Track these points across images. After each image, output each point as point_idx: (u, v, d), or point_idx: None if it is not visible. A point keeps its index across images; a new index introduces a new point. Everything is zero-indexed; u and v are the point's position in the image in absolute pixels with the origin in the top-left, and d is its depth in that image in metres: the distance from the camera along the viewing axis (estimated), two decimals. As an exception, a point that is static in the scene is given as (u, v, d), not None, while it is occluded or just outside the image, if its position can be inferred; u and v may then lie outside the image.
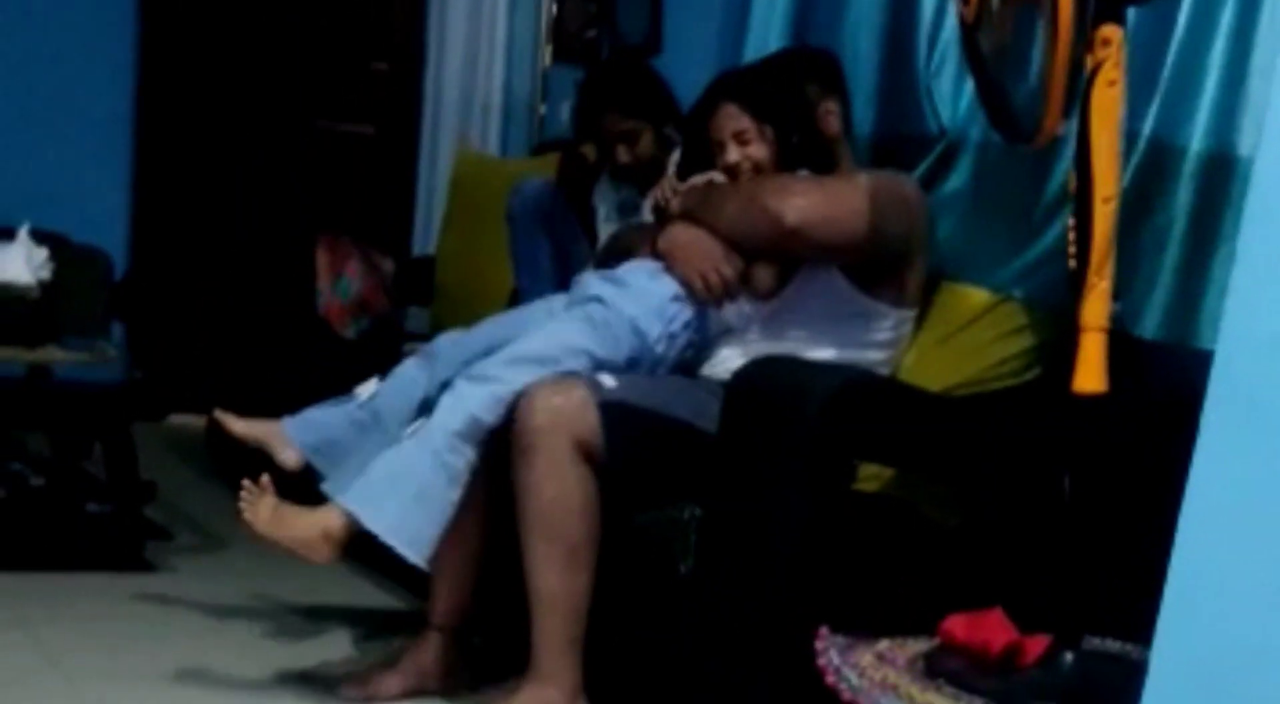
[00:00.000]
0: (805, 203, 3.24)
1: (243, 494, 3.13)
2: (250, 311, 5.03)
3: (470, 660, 3.37)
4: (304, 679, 3.41)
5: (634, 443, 3.12)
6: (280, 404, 4.70)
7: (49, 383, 4.34)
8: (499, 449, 3.15)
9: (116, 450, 4.24)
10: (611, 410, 3.10)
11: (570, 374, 3.16)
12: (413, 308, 4.99)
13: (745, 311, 3.39)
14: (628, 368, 3.27)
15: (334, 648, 3.61)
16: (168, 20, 6.23)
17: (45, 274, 4.24)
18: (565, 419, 3.05)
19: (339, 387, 4.38)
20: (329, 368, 4.53)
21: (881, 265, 3.30)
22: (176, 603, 3.86)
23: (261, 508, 3.11)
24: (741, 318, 3.39)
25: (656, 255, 3.41)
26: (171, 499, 4.58)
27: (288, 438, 3.42)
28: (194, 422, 5.22)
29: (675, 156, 4.05)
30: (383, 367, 3.46)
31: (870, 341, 3.31)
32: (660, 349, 3.34)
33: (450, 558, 3.25)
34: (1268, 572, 1.77)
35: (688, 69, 4.33)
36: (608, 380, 3.19)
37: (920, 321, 3.39)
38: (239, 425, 3.48)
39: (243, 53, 6.28)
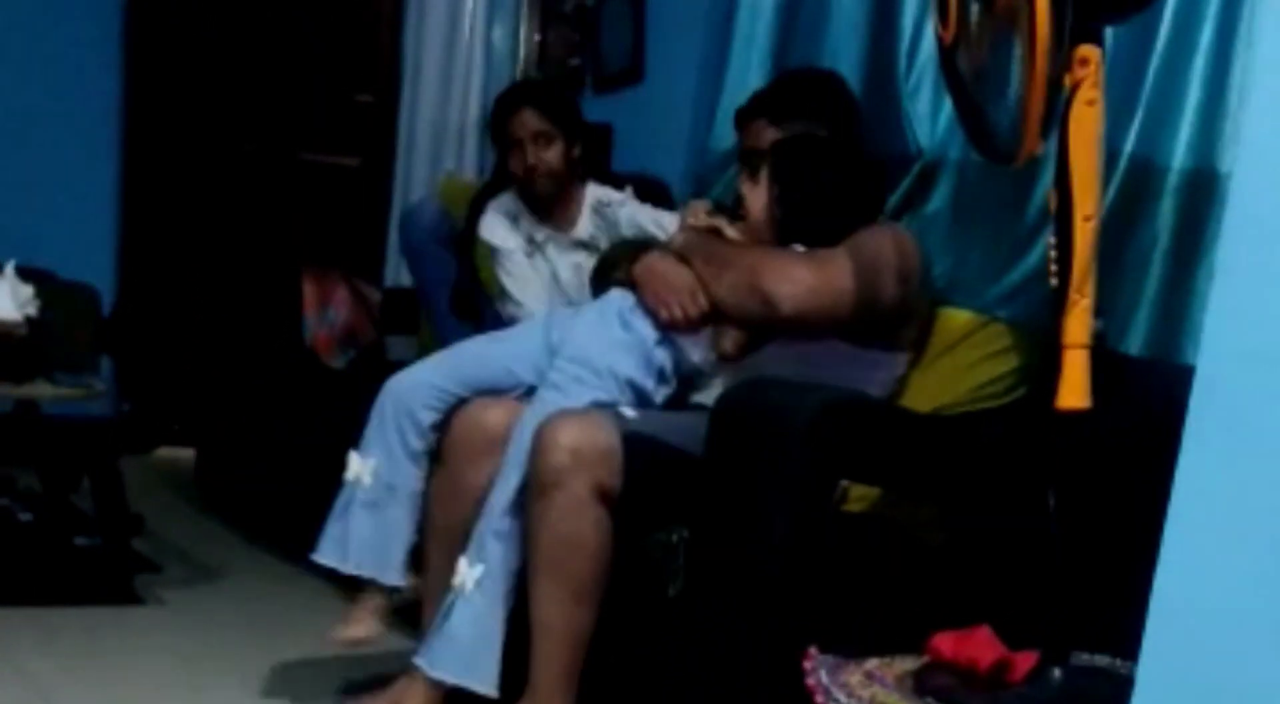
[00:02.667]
0: (802, 291, 3.19)
1: None
2: (238, 343, 5.02)
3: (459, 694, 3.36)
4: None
5: (648, 475, 3.11)
6: (268, 437, 4.72)
7: (37, 418, 4.34)
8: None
9: (104, 484, 4.24)
10: (632, 442, 3.10)
11: (594, 408, 3.17)
12: (399, 337, 4.99)
13: (741, 364, 3.36)
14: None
15: (325, 680, 3.61)
16: (152, 55, 6.25)
17: (32, 310, 4.24)
18: (587, 461, 3.02)
19: (326, 418, 4.40)
20: (317, 398, 4.54)
21: (878, 326, 3.29)
22: (166, 636, 3.86)
23: None
24: (737, 369, 3.35)
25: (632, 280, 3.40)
26: (160, 532, 4.58)
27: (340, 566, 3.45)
28: (182, 454, 5.23)
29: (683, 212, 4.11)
30: (371, 398, 3.45)
31: (865, 382, 3.28)
32: (656, 398, 3.37)
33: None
34: (1252, 584, 1.77)
35: (671, 94, 4.34)
36: (629, 411, 3.19)
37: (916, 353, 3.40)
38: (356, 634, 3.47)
39: (227, 86, 6.29)
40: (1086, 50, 2.50)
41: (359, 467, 3.43)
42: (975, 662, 2.55)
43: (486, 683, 3.10)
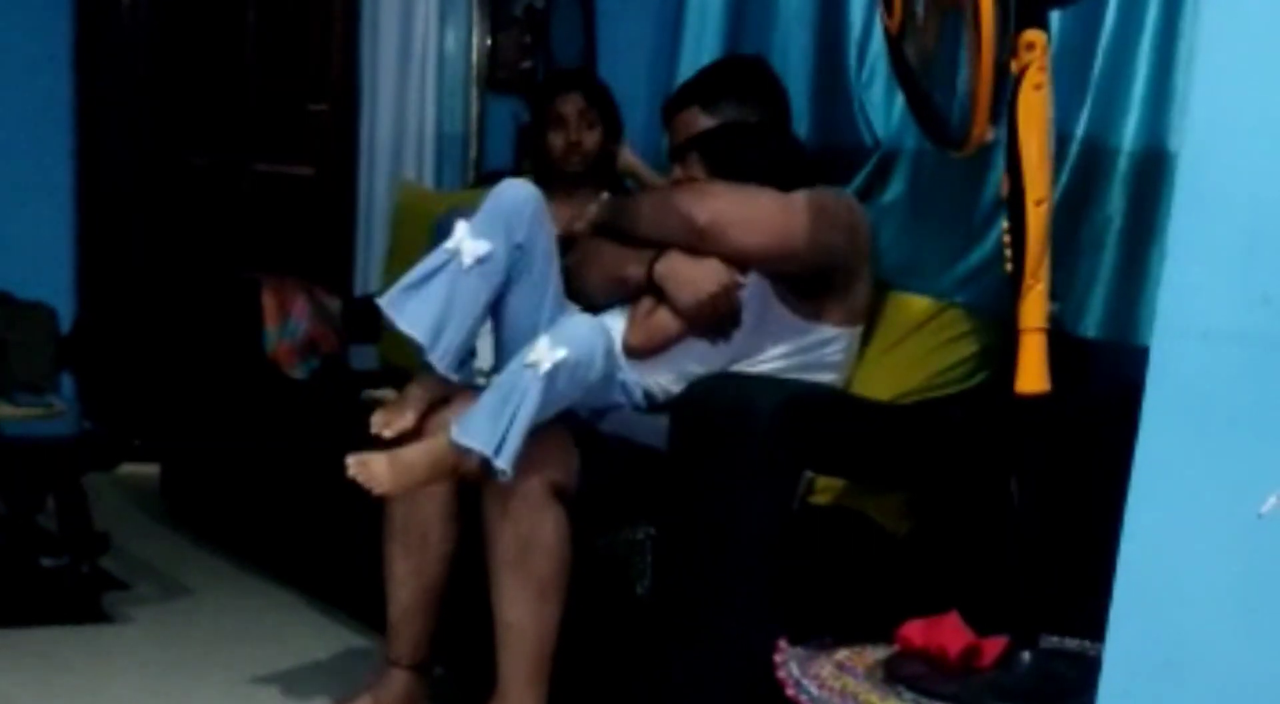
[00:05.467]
0: (720, 205, 3.26)
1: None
2: (199, 357, 5.00)
3: (432, 693, 3.36)
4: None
5: (608, 471, 3.12)
6: (232, 450, 4.71)
7: (-1, 440, 4.31)
8: (469, 483, 3.14)
9: (69, 503, 4.21)
10: (589, 438, 3.10)
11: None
12: (362, 346, 4.97)
13: (707, 358, 3.31)
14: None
15: (297, 692, 3.60)
16: (104, 70, 6.21)
17: (-10, 331, 4.22)
18: (540, 459, 3.01)
19: (290, 428, 4.39)
20: (280, 410, 4.53)
21: (828, 283, 3.28)
22: (136, 653, 3.84)
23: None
24: (702, 363, 3.30)
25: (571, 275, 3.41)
26: (127, 549, 4.55)
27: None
28: (147, 470, 5.20)
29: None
30: (334, 407, 3.39)
31: (823, 365, 3.29)
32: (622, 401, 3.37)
33: (413, 595, 3.25)
34: (1211, 562, 1.78)
35: (622, 95, 4.34)
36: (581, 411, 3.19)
37: (866, 333, 3.40)
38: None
39: (180, 98, 6.27)
40: (1032, 35, 2.52)
41: (467, 243, 3.25)
42: (945, 648, 2.56)
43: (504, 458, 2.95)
